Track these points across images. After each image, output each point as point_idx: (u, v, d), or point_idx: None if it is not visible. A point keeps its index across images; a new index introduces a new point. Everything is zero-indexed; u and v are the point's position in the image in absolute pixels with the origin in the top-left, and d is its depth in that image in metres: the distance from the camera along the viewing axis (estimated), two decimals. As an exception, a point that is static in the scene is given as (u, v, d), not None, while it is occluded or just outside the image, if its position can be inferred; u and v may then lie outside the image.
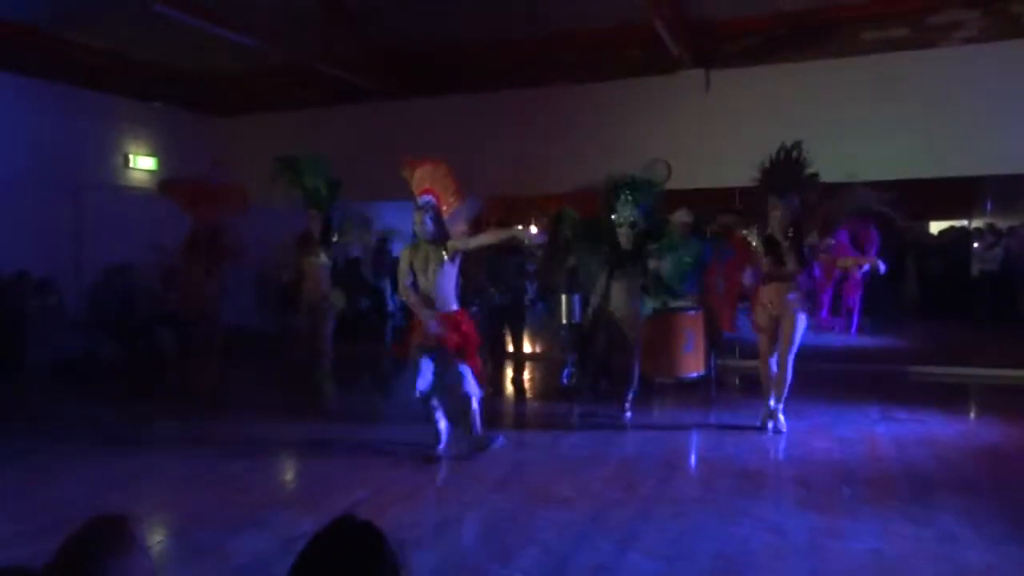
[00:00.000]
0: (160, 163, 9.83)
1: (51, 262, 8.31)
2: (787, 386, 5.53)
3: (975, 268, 11.33)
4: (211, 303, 6.94)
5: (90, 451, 5.24)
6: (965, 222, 13.23)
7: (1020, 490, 4.31)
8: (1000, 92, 7.21)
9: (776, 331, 5.49)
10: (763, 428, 5.59)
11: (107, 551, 1.29)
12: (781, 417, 5.60)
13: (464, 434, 5.15)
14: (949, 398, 6.72)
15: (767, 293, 5.46)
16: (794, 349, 5.43)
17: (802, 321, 5.36)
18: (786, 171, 5.43)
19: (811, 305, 5.57)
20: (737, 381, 7.78)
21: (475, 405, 5.07)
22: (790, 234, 5.33)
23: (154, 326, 8.57)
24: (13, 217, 8.09)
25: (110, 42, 7.98)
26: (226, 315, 7.19)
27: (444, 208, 5.06)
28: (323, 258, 6.44)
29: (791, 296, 5.34)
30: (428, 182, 5.02)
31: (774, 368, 5.58)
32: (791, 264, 5.33)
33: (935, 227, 13.57)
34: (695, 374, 6.87)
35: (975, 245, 11.67)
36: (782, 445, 5.26)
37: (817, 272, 5.64)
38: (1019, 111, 7.15)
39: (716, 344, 7.08)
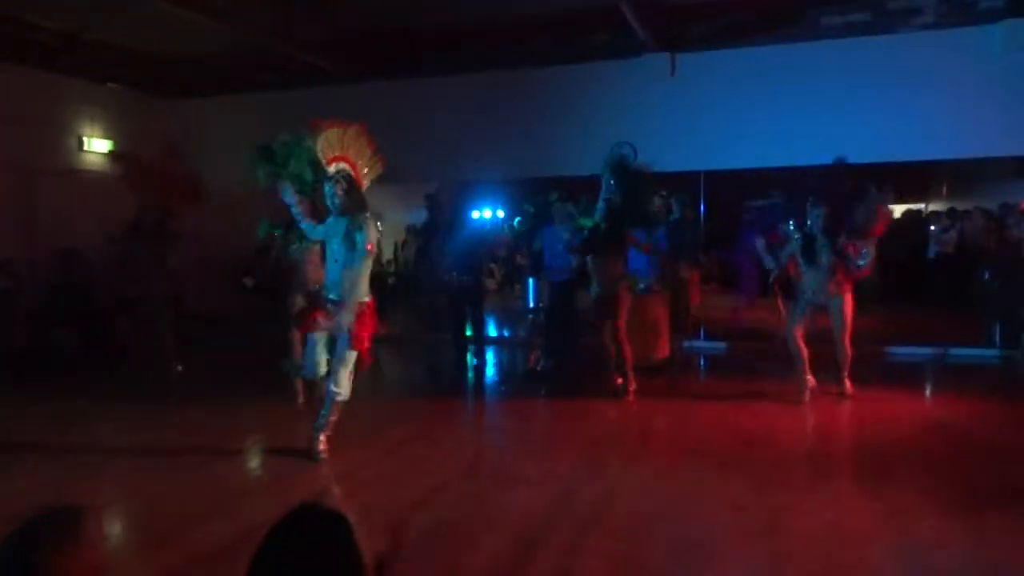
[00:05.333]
0: (115, 146, 9.56)
1: (2, 248, 8.06)
2: (848, 359, 5.95)
3: (931, 250, 11.59)
4: (162, 288, 6.77)
5: (50, 442, 5.13)
6: (922, 205, 13.53)
7: (971, 464, 4.46)
8: (957, 77, 7.36)
9: (813, 314, 6.01)
10: (800, 402, 5.87)
11: (48, 543, 1.26)
12: (847, 382, 6.01)
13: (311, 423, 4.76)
14: (905, 377, 6.90)
15: (809, 284, 5.89)
16: (848, 328, 5.84)
17: (848, 303, 5.83)
18: (834, 179, 5.95)
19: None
20: (701, 363, 7.88)
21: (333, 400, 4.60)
22: (827, 230, 5.77)
23: (112, 313, 8.38)
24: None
25: (63, 22, 7.73)
26: (190, 300, 7.03)
27: (360, 177, 4.61)
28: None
29: (832, 285, 5.79)
30: (338, 149, 4.58)
31: (801, 345, 5.97)
32: (826, 258, 5.77)
33: (893, 211, 13.85)
34: (661, 356, 6.95)
35: (931, 228, 11.94)
36: (744, 425, 5.35)
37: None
38: (975, 96, 7.30)
39: (681, 326, 7.17)
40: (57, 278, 8.48)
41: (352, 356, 4.54)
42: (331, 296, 4.56)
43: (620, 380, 6.15)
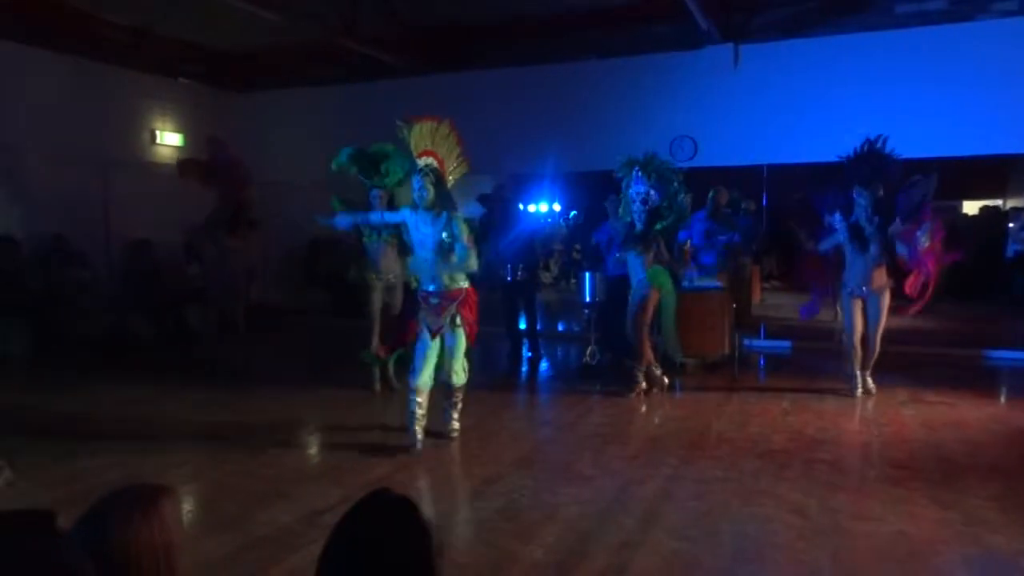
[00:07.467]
0: (186, 139, 9.90)
1: (79, 238, 8.43)
2: (874, 356, 5.92)
3: (1010, 248, 11.07)
4: (237, 279, 6.98)
5: (123, 425, 5.34)
6: (999, 202, 12.91)
7: (1052, 475, 4.23)
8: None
9: (863, 310, 5.84)
10: (852, 395, 5.90)
11: (124, 520, 1.30)
12: (870, 381, 5.98)
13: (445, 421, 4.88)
14: (980, 381, 6.60)
15: (854, 275, 5.76)
16: (882, 326, 5.76)
17: (887, 300, 5.74)
18: (870, 162, 5.67)
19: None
20: (762, 361, 7.70)
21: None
22: (875, 221, 5.60)
23: (183, 303, 8.68)
24: (41, 193, 8.21)
25: (135, 18, 8.02)
26: (257, 289, 7.22)
27: (447, 174, 4.62)
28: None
29: (877, 278, 5.69)
30: (428, 142, 4.57)
31: (857, 344, 5.89)
32: (875, 249, 5.63)
33: (969, 207, 13.26)
34: (720, 353, 6.83)
35: (1010, 225, 11.40)
36: (806, 426, 5.21)
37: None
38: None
39: (742, 324, 7.03)
40: (130, 268, 8.83)
41: (463, 346, 4.69)
42: (430, 288, 4.62)
43: (662, 374, 6.14)
